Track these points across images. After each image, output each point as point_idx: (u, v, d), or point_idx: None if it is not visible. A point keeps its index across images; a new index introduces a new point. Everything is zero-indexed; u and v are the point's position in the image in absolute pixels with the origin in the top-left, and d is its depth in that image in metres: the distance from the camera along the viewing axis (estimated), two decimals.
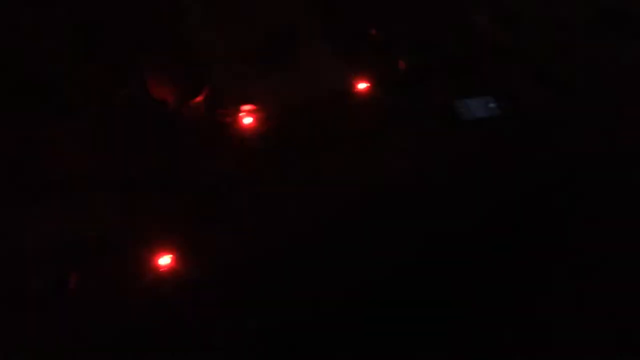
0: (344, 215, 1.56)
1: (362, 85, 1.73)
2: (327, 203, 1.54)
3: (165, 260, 1.33)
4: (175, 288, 1.33)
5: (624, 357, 1.75)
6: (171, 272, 1.33)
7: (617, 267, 2.09)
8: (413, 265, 1.89)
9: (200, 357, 1.49)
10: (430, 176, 1.69)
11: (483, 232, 2.07)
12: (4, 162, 1.44)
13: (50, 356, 1.19)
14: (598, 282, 2.04)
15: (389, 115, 1.70)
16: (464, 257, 2.12)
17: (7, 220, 1.37)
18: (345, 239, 1.60)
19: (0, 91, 1.51)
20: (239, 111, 1.60)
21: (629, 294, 2.03)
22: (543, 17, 1.96)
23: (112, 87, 1.57)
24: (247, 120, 1.58)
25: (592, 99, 1.97)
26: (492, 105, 1.76)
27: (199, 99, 1.57)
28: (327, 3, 1.99)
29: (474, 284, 2.05)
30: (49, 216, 1.39)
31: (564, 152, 2.13)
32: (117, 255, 1.34)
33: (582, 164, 2.29)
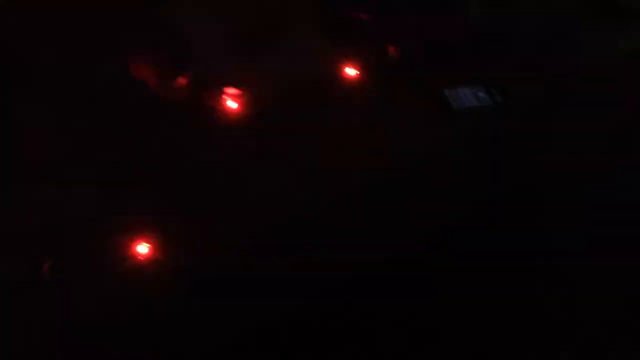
0: (329, 202, 1.51)
1: (351, 71, 1.68)
2: (311, 189, 1.49)
3: (143, 248, 1.27)
4: (154, 277, 1.27)
5: None
6: (150, 260, 1.27)
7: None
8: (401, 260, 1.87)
9: (176, 350, 1.45)
10: (416, 165, 1.65)
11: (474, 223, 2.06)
12: None
13: (21, 345, 1.13)
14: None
15: (377, 101, 1.66)
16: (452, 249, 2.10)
17: None
18: (330, 227, 1.56)
19: None
20: (224, 94, 1.53)
21: None
22: (535, 7, 1.93)
23: (91, 66, 1.49)
24: (232, 104, 1.52)
25: (584, 92, 1.95)
26: (482, 95, 1.73)
27: (182, 80, 1.51)
28: None
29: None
30: (21, 202, 1.32)
31: (553, 146, 2.12)
32: (93, 243, 1.27)
33: (570, 158, 2.28)
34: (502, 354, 1.62)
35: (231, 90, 1.53)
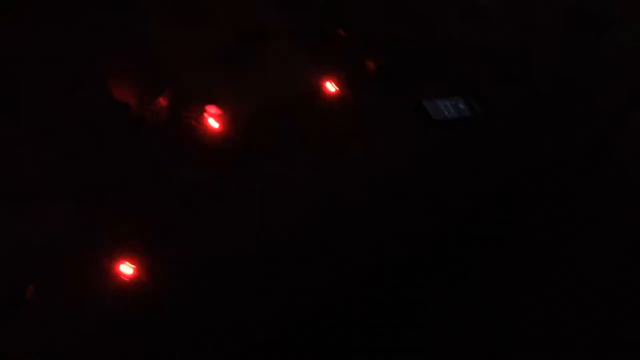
0: (310, 219, 1.52)
1: (330, 86, 1.70)
2: (293, 206, 1.50)
3: (127, 269, 1.28)
4: (138, 297, 1.27)
5: None
6: (134, 281, 1.27)
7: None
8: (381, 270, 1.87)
9: None
10: (398, 177, 1.67)
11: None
12: None
13: None
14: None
15: (357, 115, 1.67)
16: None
17: None
18: (312, 242, 1.57)
19: None
20: (204, 113, 1.55)
21: None
22: (508, 17, 1.96)
23: (71, 89, 1.50)
24: (212, 122, 1.53)
25: (560, 99, 1.98)
26: (461, 106, 1.75)
27: (162, 100, 1.52)
28: (296, 3, 1.96)
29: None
30: (1, 224, 1.32)
31: (531, 154, 2.15)
32: (76, 265, 1.28)
33: (547, 166, 2.31)
34: None
35: (212, 110, 1.55)
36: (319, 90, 1.67)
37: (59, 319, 1.18)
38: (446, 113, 1.68)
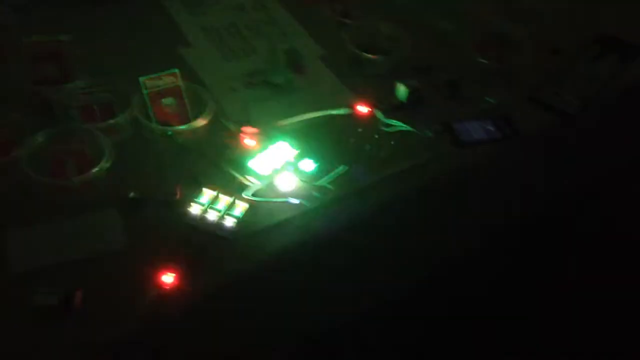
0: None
1: (362, 108, 1.76)
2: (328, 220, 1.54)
3: (168, 278, 1.33)
4: (179, 306, 1.32)
5: None
6: (175, 290, 1.32)
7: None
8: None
9: None
10: (426, 194, 1.71)
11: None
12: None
13: None
14: None
15: (387, 137, 1.72)
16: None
17: (15, 239, 1.37)
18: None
19: None
20: (241, 133, 1.62)
21: None
22: (536, 41, 2.01)
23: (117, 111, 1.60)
24: (249, 141, 1.60)
25: (589, 123, 2.00)
26: (490, 127, 1.78)
27: (201, 120, 1.60)
28: (328, 28, 2.05)
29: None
30: (54, 234, 1.39)
31: (563, 176, 2.17)
32: (120, 274, 1.33)
33: (583, 189, 2.33)
34: None
35: (249, 129, 1.62)
36: (351, 112, 1.73)
37: (103, 323, 1.22)
38: (475, 135, 1.72)
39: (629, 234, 2.50)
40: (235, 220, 1.44)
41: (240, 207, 1.46)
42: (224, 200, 1.47)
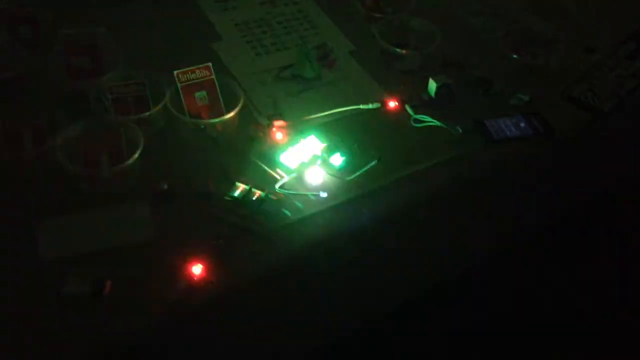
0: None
1: (392, 103, 1.75)
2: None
3: (197, 269, 1.34)
4: (207, 297, 1.33)
5: None
6: (202, 281, 1.33)
7: None
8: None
9: None
10: (458, 190, 1.69)
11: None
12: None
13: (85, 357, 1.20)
14: None
15: (417, 134, 1.71)
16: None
17: (47, 227, 1.39)
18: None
19: None
20: (271, 126, 1.62)
21: None
22: (570, 40, 1.97)
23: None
24: (278, 135, 1.60)
25: (623, 121, 1.96)
26: (522, 124, 1.76)
27: (232, 113, 1.60)
28: (358, 23, 2.04)
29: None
30: (85, 223, 1.41)
31: (599, 175, 2.13)
32: (149, 265, 1.35)
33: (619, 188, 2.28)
34: None
35: (278, 122, 1.62)
36: (381, 106, 1.72)
37: (133, 313, 1.24)
38: (507, 132, 1.70)
39: None
40: (265, 213, 1.44)
41: (270, 201, 1.47)
42: (255, 193, 1.47)
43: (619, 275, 2.34)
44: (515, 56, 1.91)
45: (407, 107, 1.74)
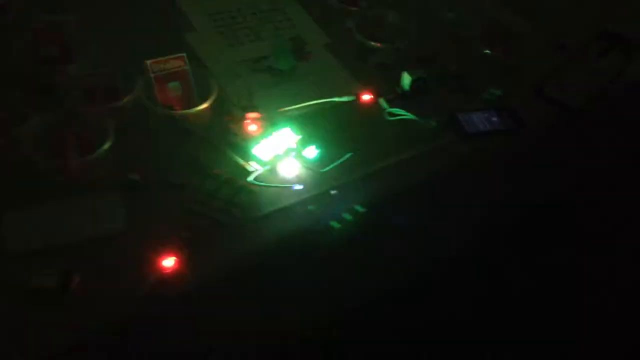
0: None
1: (366, 97, 1.75)
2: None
3: (168, 262, 1.31)
4: (179, 290, 1.31)
5: None
6: (175, 274, 1.31)
7: None
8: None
9: None
10: (431, 183, 1.70)
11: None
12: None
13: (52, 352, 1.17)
14: None
15: (391, 127, 1.71)
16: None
17: (13, 218, 1.36)
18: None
19: None
20: (245, 118, 1.60)
21: None
22: (542, 36, 2.00)
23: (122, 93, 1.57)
24: (252, 127, 1.59)
25: (592, 118, 2.00)
26: (495, 119, 1.78)
27: (205, 105, 1.58)
28: (334, 16, 2.04)
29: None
30: (53, 214, 1.38)
31: (568, 168, 2.16)
32: (119, 257, 1.32)
33: (587, 180, 2.33)
34: None
35: (252, 114, 1.60)
36: (356, 100, 1.72)
37: (102, 306, 1.21)
38: (480, 126, 1.71)
39: (631, 230, 2.50)
40: (238, 205, 1.43)
41: (244, 193, 1.45)
42: (228, 185, 1.45)
43: (586, 268, 2.39)
44: (488, 51, 1.93)
45: (382, 101, 1.74)
